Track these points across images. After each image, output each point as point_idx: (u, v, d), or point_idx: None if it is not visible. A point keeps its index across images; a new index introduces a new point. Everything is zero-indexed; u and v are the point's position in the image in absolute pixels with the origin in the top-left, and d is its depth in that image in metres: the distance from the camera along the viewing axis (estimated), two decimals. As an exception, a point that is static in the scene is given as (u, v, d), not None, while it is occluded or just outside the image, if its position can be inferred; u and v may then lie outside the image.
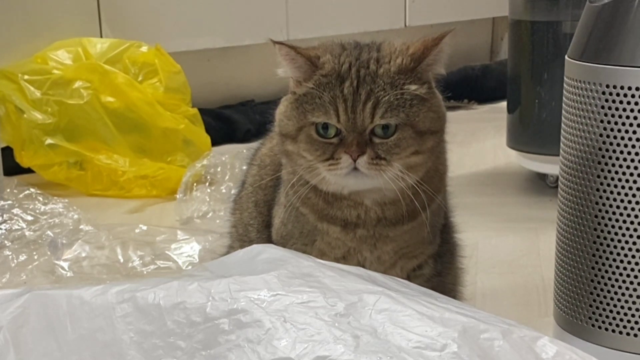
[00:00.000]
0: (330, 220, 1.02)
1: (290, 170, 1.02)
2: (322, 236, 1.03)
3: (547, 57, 1.86)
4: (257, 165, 1.16)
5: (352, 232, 1.02)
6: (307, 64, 0.97)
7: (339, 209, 1.01)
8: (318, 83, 0.96)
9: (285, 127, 0.99)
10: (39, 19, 2.18)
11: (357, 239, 1.02)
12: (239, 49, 2.62)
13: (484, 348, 0.76)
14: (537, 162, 1.92)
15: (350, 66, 0.96)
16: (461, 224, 1.18)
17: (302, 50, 0.98)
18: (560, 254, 1.10)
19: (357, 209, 1.01)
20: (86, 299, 0.86)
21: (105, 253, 1.53)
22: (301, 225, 1.04)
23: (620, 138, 0.99)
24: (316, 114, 0.95)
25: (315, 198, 1.01)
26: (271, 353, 0.77)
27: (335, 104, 0.94)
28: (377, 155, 0.94)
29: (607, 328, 1.04)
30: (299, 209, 1.03)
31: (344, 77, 0.95)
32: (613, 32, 1.00)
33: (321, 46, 1.01)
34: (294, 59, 0.97)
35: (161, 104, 2.08)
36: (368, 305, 0.80)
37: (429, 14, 2.98)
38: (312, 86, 0.96)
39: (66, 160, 2.02)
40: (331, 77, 0.96)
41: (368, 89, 0.94)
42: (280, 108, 1.01)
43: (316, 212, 1.02)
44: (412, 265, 1.06)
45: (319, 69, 0.97)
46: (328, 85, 0.95)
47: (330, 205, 1.01)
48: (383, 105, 0.94)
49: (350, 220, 1.01)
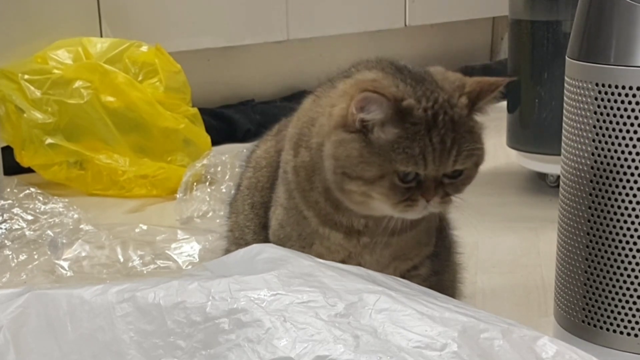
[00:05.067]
0: (333, 226, 1.01)
1: (305, 178, 1.00)
2: (322, 241, 1.02)
3: (547, 56, 1.86)
4: (253, 167, 1.15)
5: (355, 239, 1.01)
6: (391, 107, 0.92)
7: (346, 216, 1.00)
8: (409, 131, 0.92)
9: (360, 171, 0.93)
10: (39, 19, 2.18)
11: (360, 245, 1.02)
12: (239, 48, 2.62)
13: (484, 348, 0.76)
14: (537, 162, 1.92)
15: (435, 113, 0.93)
16: (461, 224, 1.17)
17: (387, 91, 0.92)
18: (561, 254, 1.10)
19: (366, 219, 1.00)
20: (86, 298, 0.86)
21: (105, 253, 1.53)
22: (301, 228, 1.03)
23: (622, 138, 0.99)
24: (406, 164, 0.92)
25: (324, 203, 1.00)
26: (271, 352, 0.77)
27: (424, 154, 0.92)
28: (446, 194, 0.96)
29: (608, 328, 1.04)
30: (302, 212, 1.02)
31: (431, 125, 0.92)
32: (607, 31, 1.00)
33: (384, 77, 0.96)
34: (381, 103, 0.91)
35: (161, 103, 2.08)
36: (368, 304, 0.80)
37: (429, 14, 2.98)
38: (401, 132, 0.92)
39: (66, 159, 2.02)
40: (420, 125, 0.92)
41: (452, 137, 0.93)
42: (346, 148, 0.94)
43: (320, 217, 1.01)
44: (406, 267, 1.06)
45: (407, 115, 0.92)
46: (418, 134, 0.92)
47: (337, 212, 1.00)
48: (463, 152, 0.94)
49: (355, 229, 1.01)
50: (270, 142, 1.14)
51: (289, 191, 1.03)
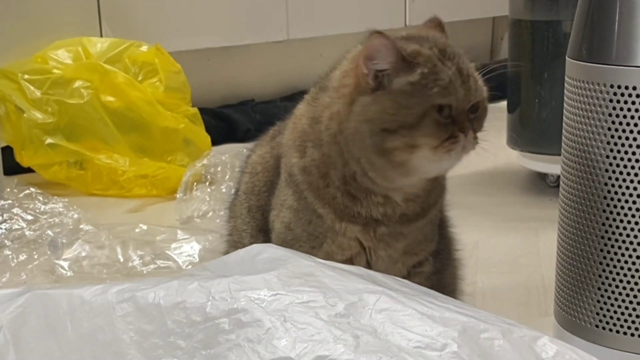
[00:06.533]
0: (351, 219, 1.02)
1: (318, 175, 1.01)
2: (335, 238, 1.03)
3: (547, 56, 1.86)
4: (249, 172, 1.16)
5: (372, 230, 1.02)
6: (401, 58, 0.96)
7: (365, 206, 1.01)
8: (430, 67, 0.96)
9: (402, 117, 0.95)
10: (39, 19, 2.18)
11: (376, 238, 1.02)
12: (239, 48, 2.62)
13: (484, 348, 0.76)
14: (537, 162, 1.92)
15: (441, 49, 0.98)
16: (461, 224, 1.18)
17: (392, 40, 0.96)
18: (562, 254, 1.10)
19: (385, 206, 1.01)
20: (86, 298, 0.86)
21: (105, 252, 1.53)
22: (312, 228, 1.04)
23: (625, 138, 0.99)
24: (443, 95, 0.95)
25: (341, 197, 1.01)
26: (271, 352, 0.77)
27: (453, 83, 0.96)
28: (474, 129, 0.98)
29: (611, 329, 1.04)
30: (317, 210, 1.03)
31: (443, 59, 0.96)
32: (607, 31, 1.00)
33: None
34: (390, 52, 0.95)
35: (161, 103, 2.08)
36: (368, 304, 0.80)
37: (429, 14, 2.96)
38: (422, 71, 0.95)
39: (66, 159, 2.02)
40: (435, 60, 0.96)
41: (466, 67, 0.98)
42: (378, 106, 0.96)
43: (337, 212, 1.02)
44: (413, 262, 1.07)
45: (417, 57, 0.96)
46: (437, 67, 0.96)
47: (355, 203, 1.01)
48: (478, 80, 0.99)
49: (374, 218, 1.01)
50: (266, 147, 1.15)
51: (298, 192, 1.04)
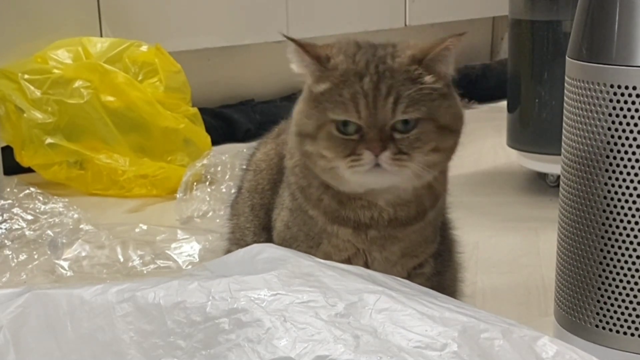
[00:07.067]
0: (341, 222, 1.01)
1: (301, 175, 1.02)
2: (330, 239, 1.02)
3: (547, 56, 1.86)
4: (253, 170, 1.16)
5: (363, 233, 1.01)
6: (315, 64, 0.96)
7: (352, 210, 1.00)
8: (336, 81, 0.94)
9: (304, 126, 0.97)
10: (39, 19, 2.18)
11: (368, 240, 1.02)
12: (239, 48, 2.62)
13: (484, 348, 0.76)
14: (538, 162, 1.92)
15: (368, 62, 0.95)
16: (461, 224, 1.18)
17: (312, 48, 0.96)
18: (562, 254, 1.10)
19: (370, 209, 1.00)
20: (86, 298, 0.86)
21: (105, 252, 1.53)
22: (308, 228, 1.03)
23: (625, 138, 0.99)
24: (336, 112, 0.93)
25: (328, 200, 1.01)
26: (271, 352, 0.77)
27: (356, 101, 0.93)
28: (399, 150, 0.93)
29: (612, 329, 1.04)
30: (308, 212, 1.03)
31: (363, 73, 0.94)
32: (607, 31, 1.00)
33: (336, 44, 0.99)
34: (303, 58, 0.96)
35: (161, 103, 2.08)
36: (368, 304, 0.80)
37: (429, 14, 2.98)
38: (331, 84, 0.94)
39: (66, 159, 2.02)
40: (349, 74, 0.94)
41: (389, 84, 0.93)
42: (299, 107, 0.99)
43: (327, 214, 1.02)
44: (413, 264, 1.06)
45: (331, 69, 0.95)
46: (347, 82, 0.94)
47: (343, 207, 1.00)
48: (404, 99, 0.93)
49: (362, 222, 1.01)
50: (270, 144, 1.15)
51: (292, 193, 1.04)
